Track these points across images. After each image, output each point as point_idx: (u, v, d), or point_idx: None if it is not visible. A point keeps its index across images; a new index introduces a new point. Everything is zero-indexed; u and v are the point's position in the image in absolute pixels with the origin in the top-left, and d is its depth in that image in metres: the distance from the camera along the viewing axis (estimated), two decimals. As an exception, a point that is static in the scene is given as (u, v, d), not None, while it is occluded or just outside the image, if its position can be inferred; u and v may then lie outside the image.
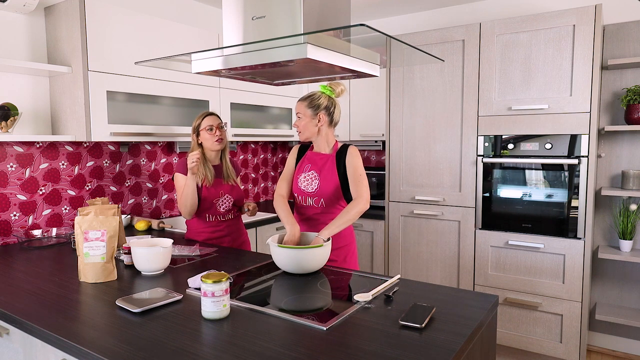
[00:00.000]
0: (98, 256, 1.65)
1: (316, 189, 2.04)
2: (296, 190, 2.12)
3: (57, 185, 2.51)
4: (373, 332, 1.22)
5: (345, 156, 2.03)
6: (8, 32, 2.30)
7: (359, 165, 2.01)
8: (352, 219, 1.91)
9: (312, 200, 2.06)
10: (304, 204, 2.10)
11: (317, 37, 1.46)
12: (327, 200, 2.04)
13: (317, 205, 2.06)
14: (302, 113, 2.04)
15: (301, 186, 2.09)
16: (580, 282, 2.59)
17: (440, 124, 2.98)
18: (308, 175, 2.08)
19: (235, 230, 2.36)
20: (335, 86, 2.06)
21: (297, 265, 1.70)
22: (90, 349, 1.12)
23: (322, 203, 2.05)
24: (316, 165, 2.07)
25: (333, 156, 2.06)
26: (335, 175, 2.02)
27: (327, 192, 2.03)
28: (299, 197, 2.11)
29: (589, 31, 2.48)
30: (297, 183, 2.10)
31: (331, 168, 2.04)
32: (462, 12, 3.35)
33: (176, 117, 2.76)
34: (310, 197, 2.06)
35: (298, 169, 2.13)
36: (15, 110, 2.19)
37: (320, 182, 2.04)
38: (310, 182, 2.06)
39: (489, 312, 1.39)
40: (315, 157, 2.10)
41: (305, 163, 2.11)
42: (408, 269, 3.18)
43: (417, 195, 3.10)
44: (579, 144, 2.56)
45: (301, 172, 2.10)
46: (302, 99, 2.05)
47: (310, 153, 2.13)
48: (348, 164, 2.02)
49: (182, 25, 2.73)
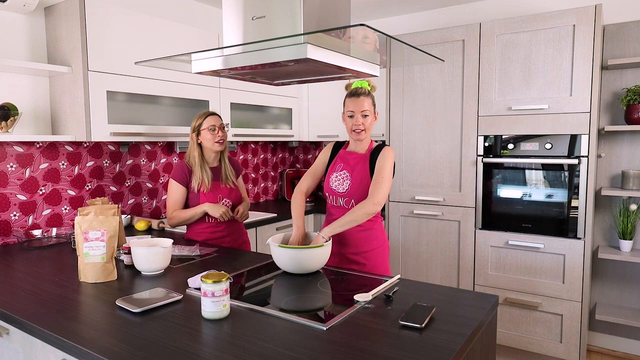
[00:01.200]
0: (98, 256, 1.65)
1: (347, 190, 1.98)
2: (327, 189, 2.05)
3: (57, 185, 2.51)
4: (373, 332, 1.22)
5: (377, 156, 1.96)
6: (8, 32, 2.30)
7: (386, 167, 1.91)
8: (357, 220, 1.85)
9: (343, 201, 2.00)
10: (335, 204, 2.04)
11: (317, 37, 1.46)
12: (358, 201, 1.95)
13: (348, 207, 1.99)
14: (369, 110, 1.93)
15: (332, 186, 2.02)
16: (580, 282, 2.59)
17: (440, 124, 2.98)
18: (340, 175, 2.01)
19: (235, 230, 2.35)
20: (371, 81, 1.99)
21: (297, 265, 1.70)
22: (90, 349, 1.12)
23: (353, 204, 1.97)
24: (349, 164, 2.01)
25: (367, 156, 1.99)
26: (368, 175, 1.95)
27: (358, 192, 1.95)
28: (331, 197, 2.04)
29: (589, 31, 2.48)
30: (329, 182, 2.04)
31: (363, 168, 1.97)
32: (462, 12, 3.35)
33: (176, 117, 2.76)
34: (341, 197, 2.00)
35: (331, 167, 2.06)
36: (15, 110, 2.19)
37: (351, 182, 1.97)
38: (342, 182, 2.00)
39: (489, 312, 1.39)
40: (348, 156, 2.03)
41: (338, 162, 2.05)
42: (408, 269, 3.18)
43: (417, 195, 3.10)
44: (579, 144, 2.56)
45: (333, 171, 2.04)
46: (363, 94, 1.93)
47: (344, 152, 2.06)
48: (378, 162, 1.94)
49: (182, 25, 2.73)
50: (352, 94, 1.95)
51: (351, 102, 1.95)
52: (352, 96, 1.95)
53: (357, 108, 1.93)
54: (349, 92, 1.98)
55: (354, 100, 1.94)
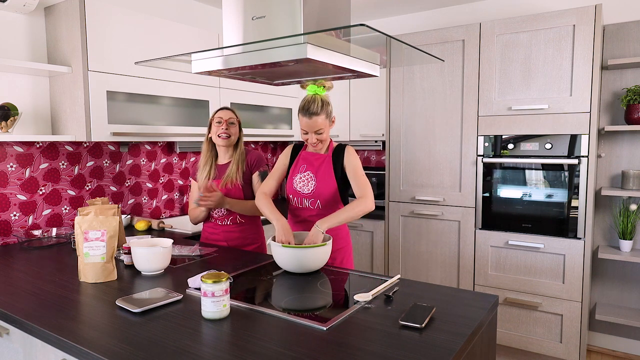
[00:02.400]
0: (98, 256, 1.65)
1: (313, 190, 2.00)
2: (291, 191, 2.06)
3: (57, 185, 2.51)
4: (373, 332, 1.22)
5: (342, 157, 1.99)
6: (8, 32, 2.30)
7: (359, 166, 1.98)
8: (354, 217, 1.86)
9: (308, 202, 2.02)
10: (299, 206, 2.05)
11: (317, 37, 1.46)
12: (324, 202, 2.00)
13: (314, 207, 2.02)
14: (323, 127, 1.93)
15: (297, 187, 2.03)
16: (580, 282, 2.59)
17: (440, 124, 2.98)
18: (304, 176, 2.03)
19: (233, 238, 2.25)
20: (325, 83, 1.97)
21: (298, 264, 1.70)
22: (90, 349, 1.12)
23: (319, 205, 2.00)
24: (312, 165, 2.02)
25: (329, 156, 2.01)
26: (333, 176, 1.99)
27: (324, 193, 1.99)
28: (295, 198, 2.05)
29: (589, 31, 2.48)
30: (292, 184, 2.05)
31: (328, 169, 1.99)
32: (462, 12, 3.35)
33: (176, 117, 2.76)
34: (307, 198, 2.02)
35: (293, 169, 2.07)
36: (15, 110, 2.19)
37: (317, 183, 1.99)
38: (307, 183, 2.01)
39: (489, 312, 1.39)
40: (310, 157, 2.05)
41: (301, 163, 2.06)
42: (408, 269, 3.18)
43: (417, 195, 3.10)
44: (579, 144, 2.56)
45: (296, 173, 2.05)
46: (314, 113, 1.90)
47: (305, 153, 2.07)
48: (347, 164, 1.98)
49: (182, 25, 2.73)
50: (304, 112, 1.91)
51: (303, 121, 1.93)
52: (304, 115, 1.91)
53: (310, 128, 1.93)
54: (301, 108, 1.93)
55: (306, 120, 1.91)
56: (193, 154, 3.25)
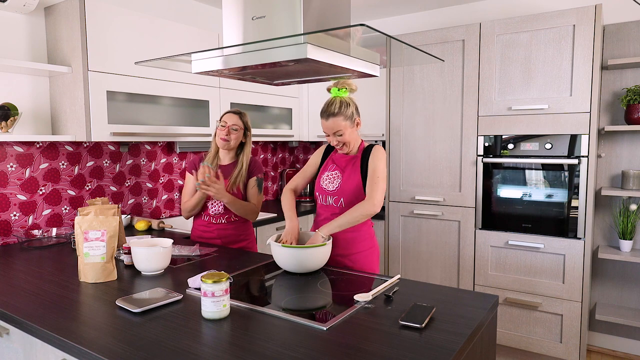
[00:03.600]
0: (98, 256, 1.65)
1: (337, 188, 1.98)
2: (318, 189, 2.06)
3: (57, 185, 2.51)
4: (373, 332, 1.22)
5: (369, 156, 1.96)
6: (8, 32, 2.30)
7: (379, 167, 1.91)
8: (355, 221, 1.85)
9: (332, 200, 2.00)
10: (324, 204, 2.04)
11: (317, 37, 1.46)
12: (347, 200, 1.96)
13: (337, 205, 1.98)
14: (342, 129, 1.90)
15: (323, 184, 2.03)
16: (580, 282, 2.59)
17: (440, 124, 2.98)
18: (331, 175, 2.02)
19: (226, 235, 2.26)
20: (348, 85, 1.95)
21: (298, 264, 1.70)
22: (90, 349, 1.12)
23: (342, 203, 1.97)
24: (340, 165, 2.02)
25: (358, 156, 1.99)
26: (358, 174, 1.95)
27: (347, 191, 1.95)
28: (320, 196, 2.04)
29: (589, 31, 2.48)
30: (320, 182, 2.05)
31: (355, 167, 1.97)
32: (462, 12, 3.35)
33: (176, 117, 2.76)
34: (331, 196, 2.00)
35: (322, 168, 2.08)
36: (15, 110, 2.19)
37: (342, 180, 1.98)
38: (332, 181, 2.00)
39: (489, 312, 1.39)
40: (340, 158, 2.04)
41: (330, 163, 2.06)
42: (408, 269, 3.18)
43: (417, 195, 3.10)
44: (579, 144, 2.56)
45: (325, 171, 2.05)
46: (331, 114, 1.88)
47: (336, 155, 2.07)
48: (370, 163, 1.94)
49: (182, 25, 2.73)
50: (322, 114, 1.92)
51: (323, 123, 1.93)
52: (322, 117, 1.92)
53: (328, 130, 1.92)
54: (322, 110, 1.93)
55: (324, 122, 1.91)
56: (193, 154, 3.25)
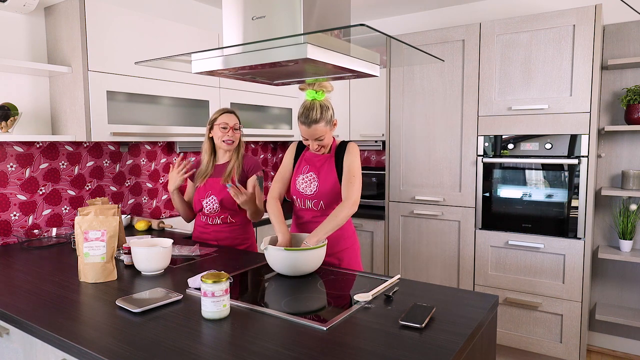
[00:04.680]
0: (98, 256, 1.65)
1: (315, 191, 1.97)
2: (294, 192, 2.04)
3: (57, 185, 2.51)
4: (373, 332, 1.22)
5: (343, 153, 1.96)
6: (8, 32, 2.30)
7: (354, 164, 1.92)
8: (340, 224, 1.84)
9: (311, 203, 2.00)
10: (303, 207, 2.03)
11: (317, 37, 1.46)
12: (327, 202, 1.97)
13: (317, 208, 1.99)
14: (323, 134, 1.90)
15: (299, 188, 2.01)
16: (580, 282, 2.59)
17: (440, 124, 2.98)
18: (306, 177, 2.00)
19: (222, 238, 2.26)
20: (325, 87, 1.93)
21: (291, 267, 1.68)
22: (90, 349, 1.12)
23: (322, 205, 1.98)
24: (315, 166, 2.00)
25: (332, 155, 1.99)
26: (334, 174, 1.95)
27: (325, 193, 1.96)
28: (298, 199, 2.04)
29: (589, 31, 2.48)
30: (295, 185, 2.03)
31: (330, 168, 1.97)
32: (462, 12, 3.35)
33: (176, 117, 2.76)
34: (309, 199, 2.00)
35: (296, 170, 2.06)
36: (15, 110, 2.19)
37: (319, 183, 1.97)
38: (309, 184, 1.99)
39: (489, 312, 1.39)
40: (313, 157, 2.02)
41: (303, 164, 2.04)
42: (408, 269, 3.18)
43: (417, 195, 3.10)
44: (579, 144, 2.56)
45: (299, 174, 2.03)
46: (313, 121, 1.85)
47: (308, 154, 2.05)
48: (345, 161, 1.94)
49: (182, 25, 2.73)
50: (302, 120, 1.88)
51: (304, 129, 1.90)
52: (303, 124, 1.88)
53: (310, 136, 1.91)
54: (299, 115, 1.90)
55: (305, 129, 1.89)
56: (193, 154, 3.25)
